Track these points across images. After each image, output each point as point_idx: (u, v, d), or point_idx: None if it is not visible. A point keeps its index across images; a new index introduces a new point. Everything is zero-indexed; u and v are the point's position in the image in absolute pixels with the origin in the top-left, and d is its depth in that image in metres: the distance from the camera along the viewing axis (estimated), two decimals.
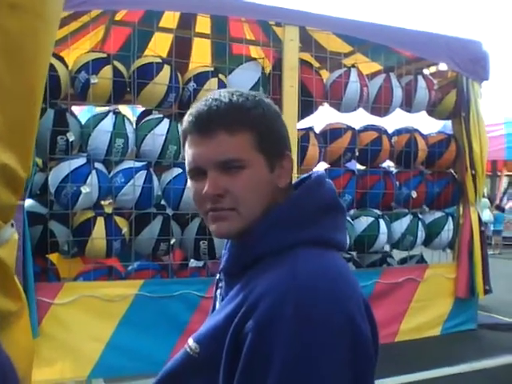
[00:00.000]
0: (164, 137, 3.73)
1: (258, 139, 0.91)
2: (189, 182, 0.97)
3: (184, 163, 0.97)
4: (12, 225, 0.82)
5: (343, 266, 0.92)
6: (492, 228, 12.40)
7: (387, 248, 4.86)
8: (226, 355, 0.83)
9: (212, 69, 3.97)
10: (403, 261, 4.92)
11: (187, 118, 0.94)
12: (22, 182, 0.80)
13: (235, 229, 0.92)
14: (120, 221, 3.76)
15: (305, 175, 1.03)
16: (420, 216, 4.73)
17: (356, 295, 0.87)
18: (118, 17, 4.39)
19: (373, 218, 4.44)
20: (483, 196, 8.29)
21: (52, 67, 3.45)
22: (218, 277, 1.07)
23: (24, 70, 0.75)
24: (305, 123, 4.43)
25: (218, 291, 1.05)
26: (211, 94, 0.94)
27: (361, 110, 4.65)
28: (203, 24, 4.56)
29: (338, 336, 0.80)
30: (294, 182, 1.03)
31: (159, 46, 4.21)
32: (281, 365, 0.77)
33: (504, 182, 15.26)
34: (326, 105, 4.54)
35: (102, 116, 3.70)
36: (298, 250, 0.89)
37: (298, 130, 4.14)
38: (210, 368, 0.86)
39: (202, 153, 0.91)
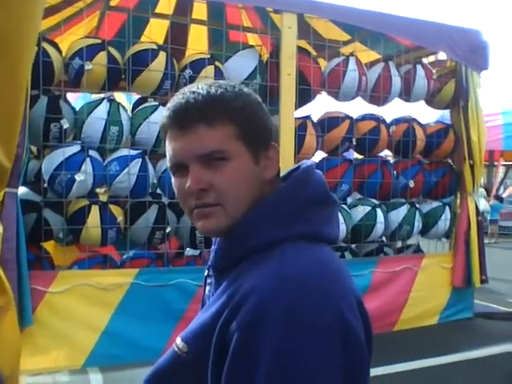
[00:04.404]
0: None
1: (240, 130, 0.88)
2: (172, 179, 0.93)
3: None
4: None
5: (334, 261, 0.88)
6: (489, 217, 12.47)
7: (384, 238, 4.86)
8: (213, 354, 0.81)
9: (208, 56, 3.92)
10: (399, 250, 4.92)
11: (165, 113, 0.90)
12: (6, 172, 0.77)
13: (222, 226, 0.89)
14: (115, 209, 3.73)
15: (293, 167, 0.99)
16: (417, 206, 4.72)
17: (347, 291, 0.84)
18: (113, 2, 4.34)
19: (370, 208, 4.42)
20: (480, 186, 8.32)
21: (45, 53, 3.41)
22: (206, 273, 1.04)
23: (9, 61, 0.72)
24: (302, 112, 4.39)
25: (207, 288, 1.02)
26: (188, 87, 0.91)
27: (359, 99, 4.62)
28: (200, 10, 4.50)
29: (328, 337, 0.76)
30: (283, 174, 0.99)
31: (155, 32, 4.15)
32: (268, 368, 0.75)
33: (501, 171, 15.31)
34: (324, 93, 4.50)
35: (97, 103, 3.66)
36: (286, 244, 0.85)
37: (296, 118, 4.11)
38: (198, 367, 0.84)
39: (182, 147, 0.87)
